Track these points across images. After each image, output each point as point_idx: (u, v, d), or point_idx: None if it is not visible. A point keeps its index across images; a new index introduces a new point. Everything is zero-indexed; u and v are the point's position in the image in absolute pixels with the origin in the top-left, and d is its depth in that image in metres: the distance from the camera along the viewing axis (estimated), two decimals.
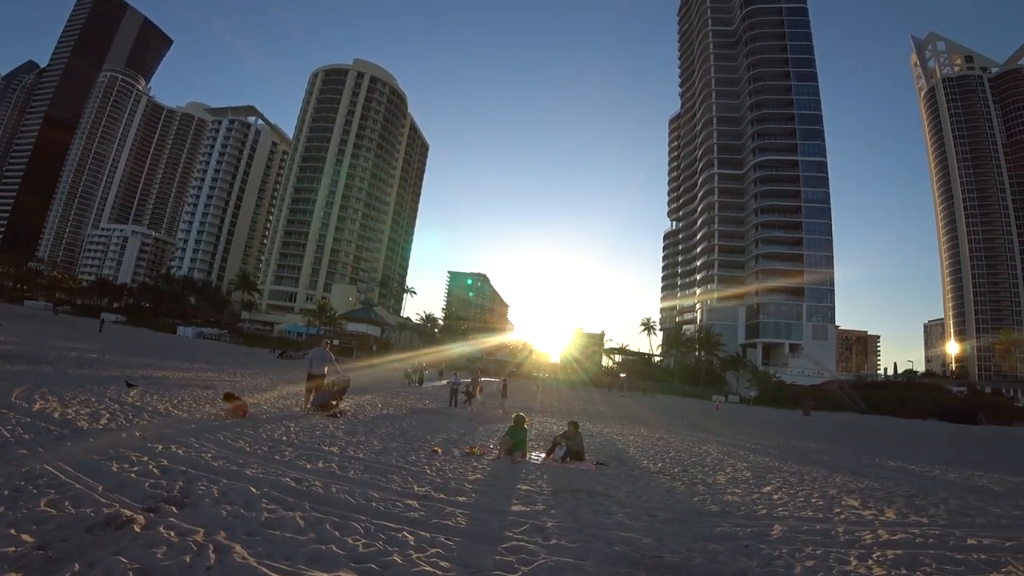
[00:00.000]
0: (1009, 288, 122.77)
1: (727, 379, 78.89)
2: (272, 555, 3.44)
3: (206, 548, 3.34)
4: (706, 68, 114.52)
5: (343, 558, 3.52)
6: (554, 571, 3.68)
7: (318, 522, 4.20)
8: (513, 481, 7.16)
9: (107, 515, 3.67)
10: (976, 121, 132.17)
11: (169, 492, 4.50)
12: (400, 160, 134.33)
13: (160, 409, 9.23)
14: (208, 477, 5.16)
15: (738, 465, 11.38)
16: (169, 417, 8.61)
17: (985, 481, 12.20)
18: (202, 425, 8.20)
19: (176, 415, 8.92)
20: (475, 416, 17.07)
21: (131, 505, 4.03)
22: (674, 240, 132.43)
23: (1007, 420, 59.49)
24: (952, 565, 4.79)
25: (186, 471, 5.27)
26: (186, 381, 15.40)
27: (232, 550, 3.36)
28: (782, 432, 25.83)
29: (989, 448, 25.77)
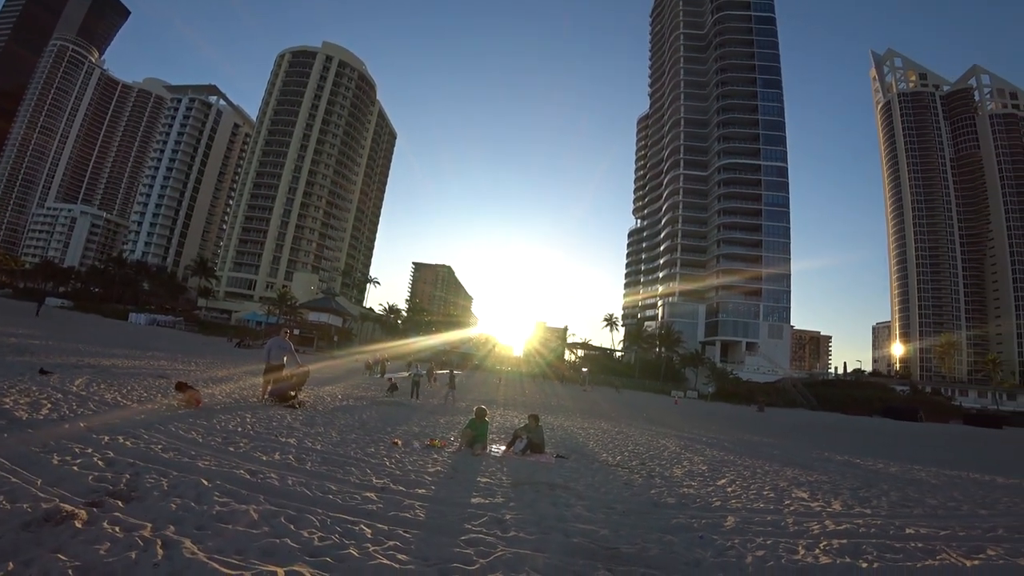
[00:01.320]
0: (950, 294, 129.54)
1: (686, 375, 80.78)
2: (224, 549, 3.35)
3: (153, 543, 3.23)
4: (676, 70, 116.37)
5: (298, 552, 3.46)
6: (512, 563, 3.70)
7: (273, 515, 4.11)
8: (473, 474, 7.16)
9: (45, 510, 3.50)
10: (927, 136, 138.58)
11: (115, 485, 4.32)
12: (367, 148, 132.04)
13: (107, 399, 8.86)
14: (157, 469, 4.98)
15: (694, 459, 11.65)
16: (117, 407, 8.27)
17: (923, 474, 12.90)
18: (153, 416, 7.91)
19: (125, 405, 8.57)
20: (437, 408, 17.01)
21: (72, 499, 3.85)
22: (638, 238, 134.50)
23: (944, 418, 63.20)
24: (892, 553, 5.04)
25: (134, 463, 5.07)
26: (137, 370, 14.82)
27: (181, 545, 3.26)
28: (737, 427, 26.58)
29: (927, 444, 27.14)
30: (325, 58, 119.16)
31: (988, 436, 41.41)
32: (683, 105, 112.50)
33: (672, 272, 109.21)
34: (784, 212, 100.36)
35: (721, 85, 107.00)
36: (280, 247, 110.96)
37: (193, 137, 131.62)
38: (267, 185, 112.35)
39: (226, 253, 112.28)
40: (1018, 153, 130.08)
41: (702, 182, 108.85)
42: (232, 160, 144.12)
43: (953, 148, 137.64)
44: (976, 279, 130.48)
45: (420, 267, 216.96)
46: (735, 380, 77.15)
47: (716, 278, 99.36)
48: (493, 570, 3.54)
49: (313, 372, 18.39)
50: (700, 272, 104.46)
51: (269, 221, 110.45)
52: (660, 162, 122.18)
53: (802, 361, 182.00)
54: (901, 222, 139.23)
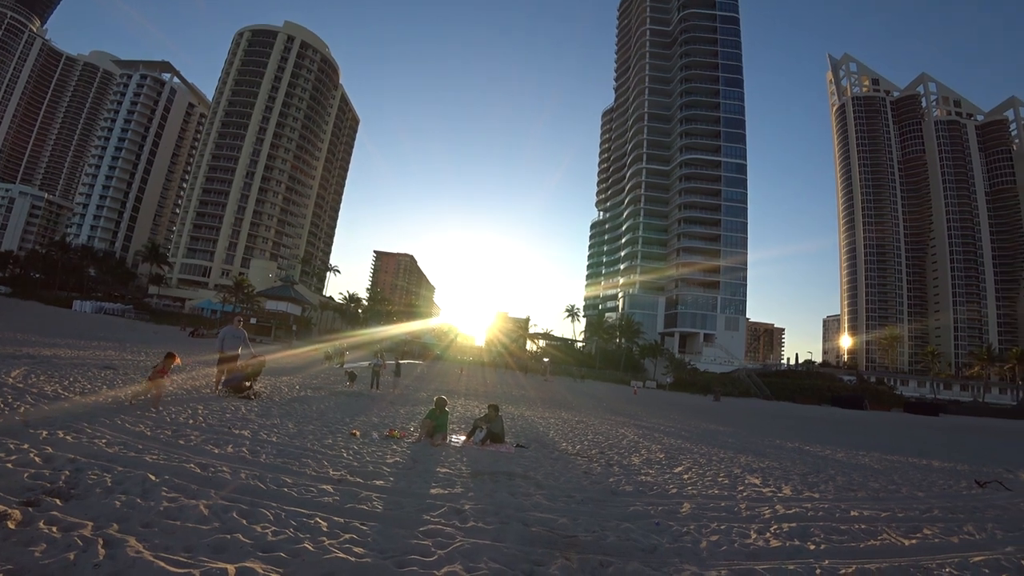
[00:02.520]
0: (894, 290, 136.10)
1: (646, 366, 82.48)
2: (171, 547, 3.23)
3: (94, 543, 3.08)
4: (641, 65, 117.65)
5: (249, 547, 3.37)
6: (470, 553, 3.70)
7: (224, 510, 3.99)
8: (432, 464, 7.12)
9: None
10: (877, 138, 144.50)
11: (53, 483, 4.11)
12: (328, 133, 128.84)
13: (47, 391, 8.41)
14: (101, 465, 4.76)
15: (652, 447, 11.87)
16: (58, 400, 7.86)
17: (867, 460, 13.55)
18: (97, 409, 7.56)
19: (66, 398, 8.17)
20: (397, 399, 16.86)
21: (5, 499, 3.64)
22: (601, 230, 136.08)
23: (887, 406, 66.98)
24: (837, 535, 5.31)
25: (75, 459, 4.83)
26: (81, 360, 14.15)
27: (125, 544, 3.12)
28: (694, 416, 27.19)
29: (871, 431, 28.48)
30: (286, 38, 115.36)
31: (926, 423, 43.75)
32: (647, 100, 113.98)
33: (633, 264, 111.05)
34: (742, 208, 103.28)
35: (685, 82, 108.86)
36: (237, 233, 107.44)
37: (144, 116, 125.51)
38: (224, 168, 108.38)
39: (179, 239, 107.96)
40: (959, 157, 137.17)
41: (664, 176, 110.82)
42: (186, 141, 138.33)
43: (901, 151, 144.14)
44: (918, 276, 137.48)
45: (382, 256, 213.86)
46: (693, 371, 79.30)
47: (676, 271, 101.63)
48: (451, 561, 3.53)
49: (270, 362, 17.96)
50: (660, 265, 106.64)
51: (225, 206, 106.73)
52: (624, 155, 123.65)
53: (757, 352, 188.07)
54: (852, 220, 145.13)
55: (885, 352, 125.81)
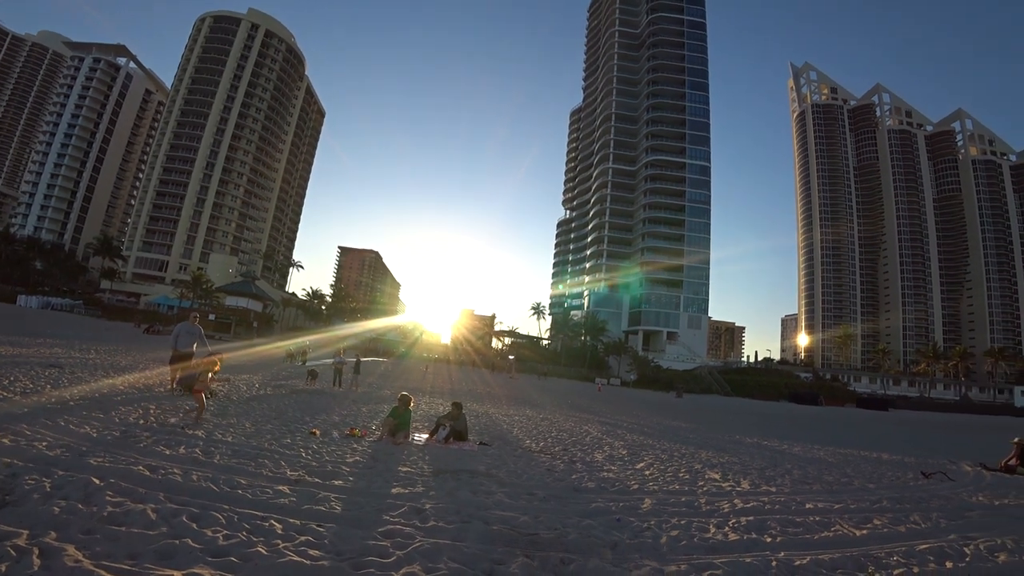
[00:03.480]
0: (849, 290, 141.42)
1: (610, 363, 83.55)
2: (114, 554, 3.08)
3: (29, 553, 2.91)
4: (610, 66, 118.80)
5: (199, 552, 3.24)
6: (430, 553, 3.65)
7: (173, 514, 3.83)
8: (394, 463, 7.03)
9: None
10: (835, 145, 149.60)
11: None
12: (293, 125, 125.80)
13: None
14: (40, 469, 4.51)
15: (615, 443, 12.00)
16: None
17: (821, 453, 14.04)
18: (39, 409, 7.19)
19: (5, 398, 7.74)
20: (360, 397, 16.63)
21: None
22: (567, 228, 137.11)
23: (841, 401, 69.97)
24: (793, 527, 5.47)
25: (11, 463, 4.57)
26: (23, 358, 13.46)
27: (63, 552, 2.96)
28: (657, 412, 27.70)
29: (826, 425, 29.57)
30: (250, 26, 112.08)
31: (877, 417, 45.72)
32: (615, 101, 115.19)
33: (599, 263, 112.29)
34: (706, 209, 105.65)
35: (652, 84, 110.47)
36: (196, 227, 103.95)
37: (97, 101, 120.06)
38: (182, 159, 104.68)
39: (134, 231, 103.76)
40: (910, 165, 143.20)
41: (630, 176, 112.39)
42: (143, 130, 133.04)
43: (856, 157, 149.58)
44: (870, 278, 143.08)
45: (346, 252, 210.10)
46: (656, 368, 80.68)
47: (640, 270, 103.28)
48: (410, 562, 3.48)
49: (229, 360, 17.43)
50: (625, 264, 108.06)
51: (184, 198, 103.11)
52: (591, 155, 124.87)
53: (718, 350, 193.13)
54: (810, 223, 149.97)
55: (839, 350, 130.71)
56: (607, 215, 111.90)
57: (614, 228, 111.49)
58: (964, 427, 38.32)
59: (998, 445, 18.17)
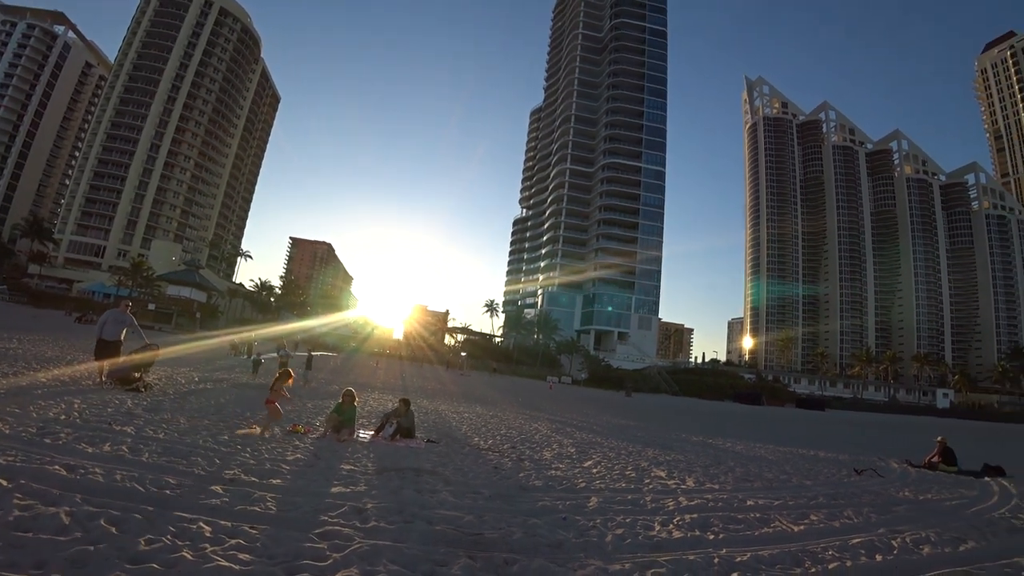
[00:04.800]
0: (792, 296, 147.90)
1: (562, 361, 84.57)
2: (18, 563, 2.79)
3: None
4: (571, 68, 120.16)
5: (116, 559, 2.96)
6: (369, 555, 3.49)
7: (90, 518, 3.51)
8: (336, 460, 6.79)
9: None
10: (783, 157, 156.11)
11: None
12: (246, 109, 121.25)
13: None
14: None
15: (564, 441, 12.01)
16: None
17: (763, 451, 14.50)
18: None
19: None
20: (306, 392, 16.15)
21: None
22: (523, 227, 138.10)
23: (781, 402, 73.29)
24: (735, 524, 5.57)
25: None
26: None
27: None
28: (607, 411, 28.09)
29: (767, 424, 30.72)
30: (203, 2, 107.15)
31: (814, 417, 47.98)
32: (575, 103, 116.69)
33: (553, 262, 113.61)
34: (659, 213, 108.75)
35: (612, 88, 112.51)
36: (137, 211, 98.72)
37: (30, 71, 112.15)
38: (125, 139, 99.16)
39: (68, 213, 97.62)
40: (851, 180, 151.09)
41: (587, 178, 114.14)
42: (81, 105, 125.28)
43: (803, 170, 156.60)
44: (811, 284, 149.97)
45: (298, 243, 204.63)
46: (607, 367, 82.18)
47: (594, 270, 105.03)
48: (347, 565, 3.31)
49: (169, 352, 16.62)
50: (579, 264, 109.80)
51: (125, 180, 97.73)
52: (549, 155, 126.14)
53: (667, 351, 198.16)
54: (757, 230, 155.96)
55: (781, 353, 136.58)
56: (563, 215, 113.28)
57: (569, 228, 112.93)
58: (892, 426, 40.64)
59: (922, 443, 19.34)
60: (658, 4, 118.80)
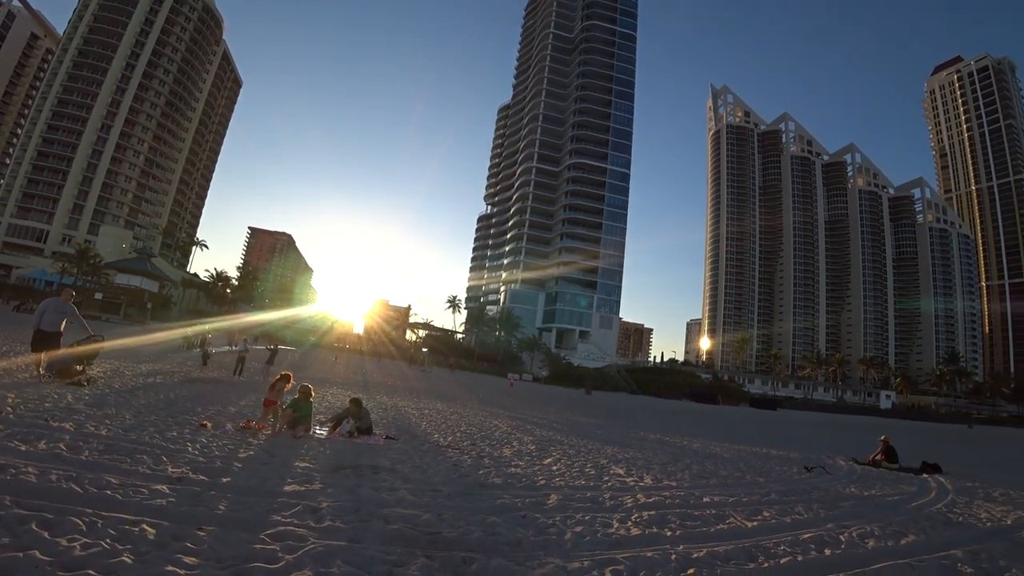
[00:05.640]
0: (748, 300, 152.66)
1: (523, 359, 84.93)
2: None
3: None
4: (541, 67, 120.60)
5: (47, 566, 2.75)
6: (323, 557, 3.37)
7: (20, 521, 3.26)
8: (291, 458, 6.59)
9: None
10: (744, 165, 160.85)
11: None
12: (205, 92, 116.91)
13: None
14: None
15: (524, 438, 11.99)
16: None
17: (718, 449, 14.86)
18: None
19: None
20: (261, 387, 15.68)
21: None
22: (488, 223, 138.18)
23: (736, 401, 75.56)
24: (691, 521, 5.67)
25: None
26: None
27: None
28: (567, 408, 28.30)
29: (722, 423, 31.55)
30: None
31: (767, 416, 49.58)
32: (543, 102, 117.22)
33: (517, 260, 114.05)
34: (623, 214, 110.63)
35: (580, 89, 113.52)
36: (85, 194, 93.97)
37: None
38: (73, 117, 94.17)
39: (8, 194, 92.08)
40: (807, 189, 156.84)
41: (552, 177, 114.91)
42: (26, 79, 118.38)
43: (762, 178, 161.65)
44: (767, 288, 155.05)
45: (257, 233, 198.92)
46: (567, 365, 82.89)
47: (557, 269, 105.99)
48: (299, 567, 3.19)
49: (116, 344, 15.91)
50: (543, 262, 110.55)
51: (72, 161, 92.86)
52: (516, 152, 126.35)
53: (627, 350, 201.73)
54: (717, 235, 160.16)
55: (737, 353, 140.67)
56: (528, 213, 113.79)
57: (534, 226, 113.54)
58: (839, 426, 42.35)
59: (867, 442, 20.23)
60: (628, 8, 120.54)
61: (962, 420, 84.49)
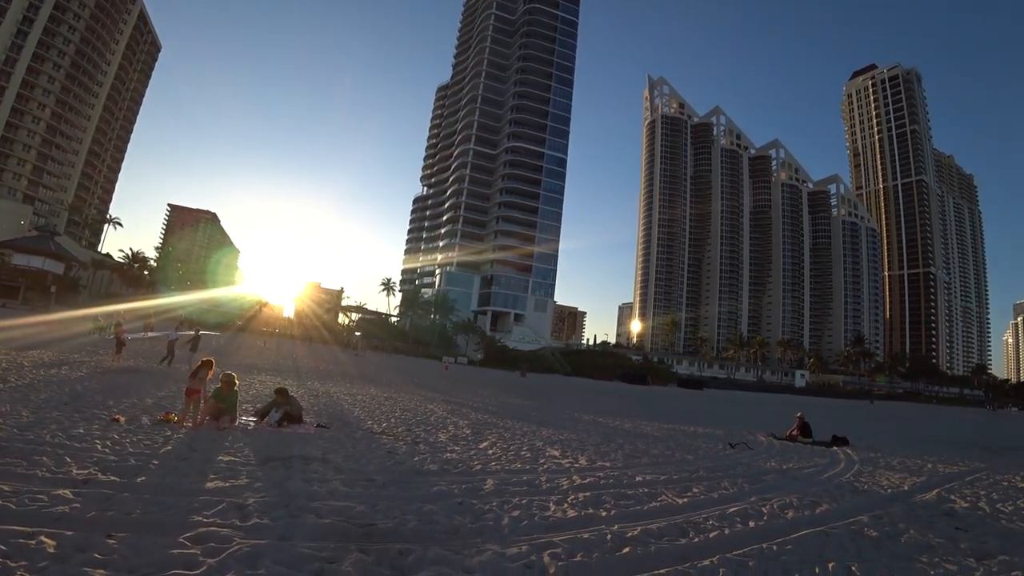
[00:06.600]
0: (677, 285, 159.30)
1: (458, 342, 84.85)
2: None
3: None
4: (482, 48, 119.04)
5: None
6: (249, 558, 3.18)
7: None
8: (214, 452, 6.24)
9: None
10: (677, 154, 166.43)
11: None
12: (118, 55, 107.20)
13: None
14: None
15: (460, 423, 12.00)
16: None
17: (649, 429, 15.41)
18: None
19: None
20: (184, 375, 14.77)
21: None
22: (423, 205, 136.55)
23: (665, 382, 79.02)
24: (625, 500, 5.84)
25: None
26: None
27: None
28: (502, 391, 28.51)
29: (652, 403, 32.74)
30: None
31: (694, 395, 52.13)
32: (483, 83, 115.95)
33: (452, 242, 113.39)
34: (559, 199, 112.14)
35: (521, 72, 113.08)
36: None
37: None
38: None
39: None
40: (735, 180, 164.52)
41: (490, 160, 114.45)
42: None
43: (693, 167, 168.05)
44: (695, 273, 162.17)
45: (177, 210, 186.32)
46: (502, 348, 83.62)
47: (492, 252, 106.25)
48: (224, 570, 2.99)
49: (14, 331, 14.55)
50: (479, 245, 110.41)
51: None
52: (453, 134, 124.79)
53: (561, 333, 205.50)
54: (650, 221, 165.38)
55: (666, 336, 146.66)
56: (464, 195, 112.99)
57: (470, 209, 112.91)
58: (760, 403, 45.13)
59: (784, 418, 21.65)
60: None
61: (865, 396, 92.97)
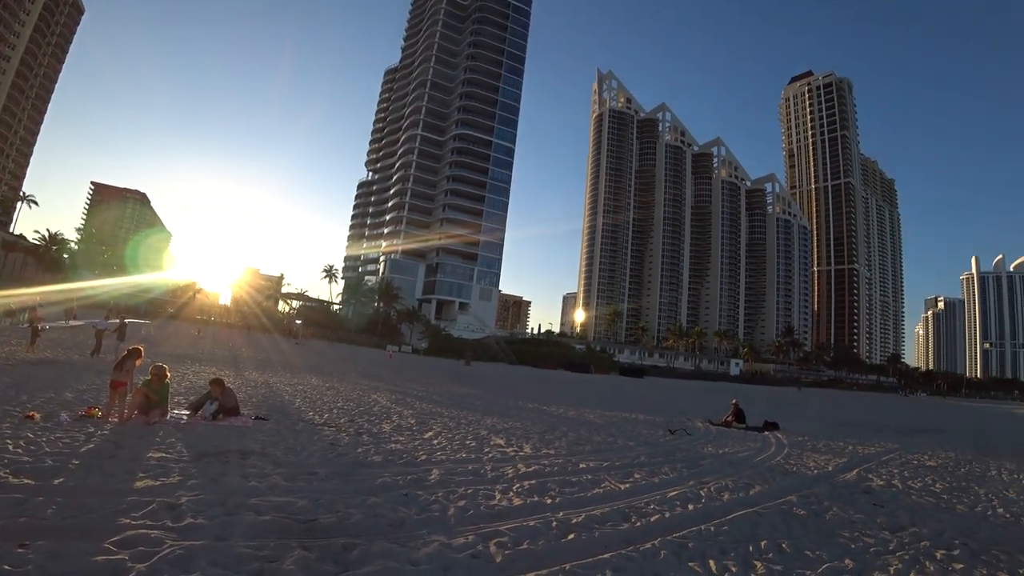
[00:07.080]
0: (620, 276, 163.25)
1: (402, 330, 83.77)
2: None
3: None
4: (432, 32, 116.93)
5: None
6: (182, 561, 3.01)
7: None
8: (143, 448, 5.87)
9: None
10: (623, 148, 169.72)
11: None
12: (34, 17, 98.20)
13: None
14: None
15: (404, 412, 11.87)
16: None
17: (592, 416, 15.72)
18: None
19: None
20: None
21: None
22: (368, 190, 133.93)
23: (607, 370, 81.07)
24: (570, 487, 5.94)
25: None
26: None
27: None
28: (447, 380, 28.44)
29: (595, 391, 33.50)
30: None
31: (635, 384, 53.73)
32: (432, 68, 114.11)
33: (397, 229, 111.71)
34: (506, 188, 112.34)
35: (471, 59, 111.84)
36: None
37: None
38: None
39: None
40: (678, 176, 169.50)
41: (437, 146, 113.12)
42: None
43: (639, 161, 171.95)
44: (638, 265, 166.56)
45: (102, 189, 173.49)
46: (447, 336, 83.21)
47: (438, 240, 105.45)
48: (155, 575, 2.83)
49: None
50: (424, 232, 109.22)
51: None
52: (401, 118, 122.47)
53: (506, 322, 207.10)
54: (595, 212, 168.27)
55: (609, 325, 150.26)
56: (410, 182, 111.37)
57: (416, 196, 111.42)
58: (697, 391, 47.12)
59: (720, 405, 22.71)
60: None
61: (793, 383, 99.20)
